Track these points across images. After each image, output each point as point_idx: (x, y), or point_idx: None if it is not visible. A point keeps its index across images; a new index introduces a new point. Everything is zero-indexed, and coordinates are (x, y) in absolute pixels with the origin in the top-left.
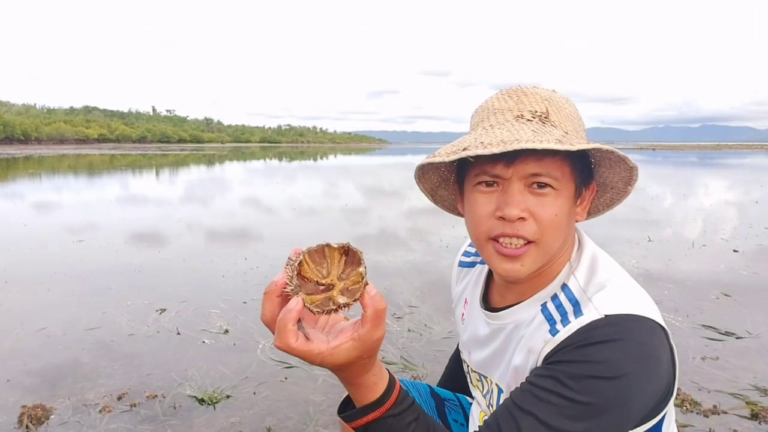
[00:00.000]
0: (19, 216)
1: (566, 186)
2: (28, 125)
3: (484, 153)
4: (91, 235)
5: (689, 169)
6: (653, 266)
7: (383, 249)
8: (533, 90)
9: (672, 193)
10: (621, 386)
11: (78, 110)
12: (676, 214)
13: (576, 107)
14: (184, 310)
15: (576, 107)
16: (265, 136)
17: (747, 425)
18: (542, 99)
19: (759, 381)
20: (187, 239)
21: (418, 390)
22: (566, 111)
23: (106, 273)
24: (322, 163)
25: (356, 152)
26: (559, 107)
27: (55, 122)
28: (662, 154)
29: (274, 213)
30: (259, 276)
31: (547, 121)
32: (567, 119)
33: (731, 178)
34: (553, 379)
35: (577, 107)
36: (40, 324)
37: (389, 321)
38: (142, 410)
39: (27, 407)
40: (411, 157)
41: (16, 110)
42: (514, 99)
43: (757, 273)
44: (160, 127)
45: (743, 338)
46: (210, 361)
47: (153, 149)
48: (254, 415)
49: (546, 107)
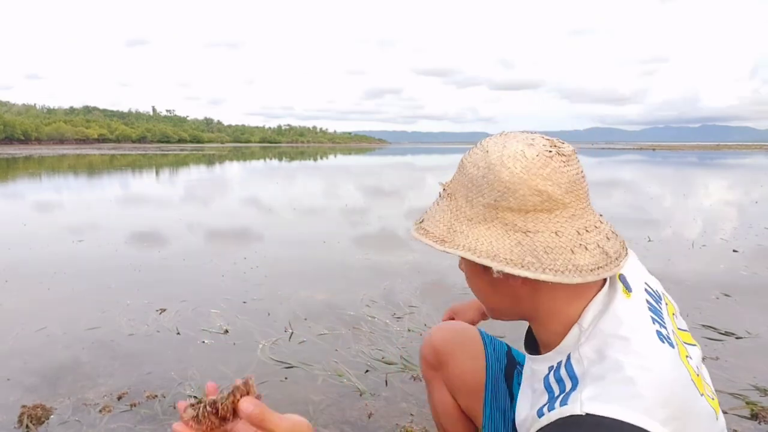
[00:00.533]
0: (19, 216)
1: (467, 262)
2: (28, 125)
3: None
4: (91, 234)
5: (689, 169)
6: (653, 266)
7: (383, 249)
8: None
9: (672, 193)
10: None
11: (78, 110)
12: (675, 214)
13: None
14: (184, 309)
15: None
16: (265, 136)
17: (747, 425)
18: (458, 167)
19: (759, 381)
20: (187, 239)
21: (495, 346)
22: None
23: (106, 272)
24: (322, 163)
25: (356, 152)
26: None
27: (55, 122)
28: (662, 154)
29: (274, 213)
30: (259, 276)
31: (444, 197)
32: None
33: (731, 178)
34: None
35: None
36: (40, 324)
37: (389, 321)
38: (142, 410)
39: (27, 407)
40: (411, 157)
41: (16, 110)
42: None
43: (757, 273)
44: (160, 127)
45: (743, 338)
46: (210, 361)
47: (153, 149)
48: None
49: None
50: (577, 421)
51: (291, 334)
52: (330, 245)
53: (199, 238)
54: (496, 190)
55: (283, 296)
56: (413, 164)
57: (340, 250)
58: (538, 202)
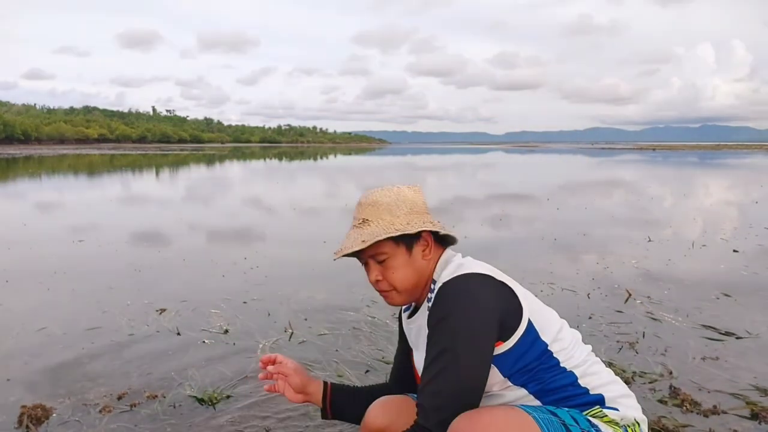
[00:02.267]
0: (19, 216)
1: (396, 251)
2: (28, 125)
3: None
4: (91, 234)
5: (689, 169)
6: (653, 266)
7: None
8: (365, 199)
9: (672, 193)
10: (452, 320)
11: (78, 110)
12: (676, 214)
13: (397, 195)
14: (184, 309)
15: (397, 195)
16: (265, 136)
17: (747, 425)
18: (367, 206)
19: (759, 381)
20: (187, 239)
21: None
22: (384, 205)
23: (106, 273)
24: (322, 163)
25: (356, 152)
26: (377, 207)
27: (55, 122)
28: (662, 154)
29: (275, 213)
30: (259, 276)
31: (365, 224)
32: (385, 212)
33: (731, 178)
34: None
35: (399, 193)
36: (40, 324)
37: (389, 321)
38: (142, 410)
39: (27, 407)
40: (411, 157)
41: (16, 110)
42: (357, 209)
43: (757, 273)
44: (160, 127)
45: (743, 338)
46: (210, 361)
47: (153, 149)
48: (254, 415)
49: (366, 213)
50: (438, 289)
51: (291, 334)
52: (330, 245)
53: (199, 238)
54: (407, 203)
55: (284, 296)
56: (413, 164)
57: None
58: (423, 208)
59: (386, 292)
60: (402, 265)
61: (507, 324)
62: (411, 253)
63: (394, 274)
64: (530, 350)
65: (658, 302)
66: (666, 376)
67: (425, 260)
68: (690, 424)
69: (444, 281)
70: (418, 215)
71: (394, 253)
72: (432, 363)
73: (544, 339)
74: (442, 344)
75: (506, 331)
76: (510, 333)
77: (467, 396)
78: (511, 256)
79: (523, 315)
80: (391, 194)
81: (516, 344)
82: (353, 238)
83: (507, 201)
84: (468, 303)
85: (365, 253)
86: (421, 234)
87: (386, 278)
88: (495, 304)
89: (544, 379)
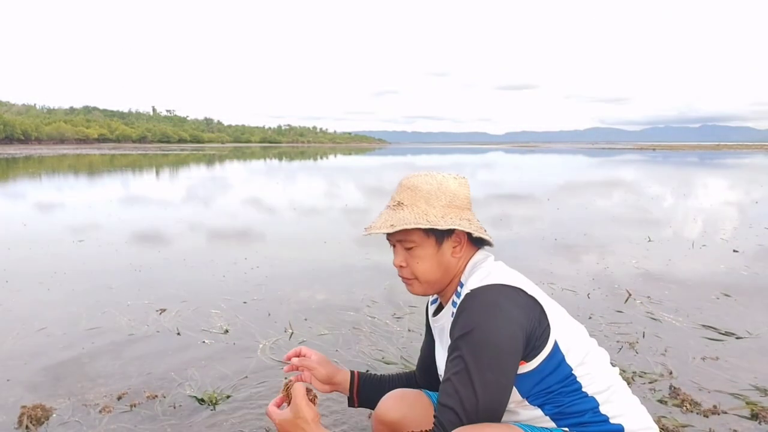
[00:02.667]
0: (19, 216)
1: (425, 242)
2: (28, 125)
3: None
4: (91, 234)
5: (689, 169)
6: (653, 266)
7: (384, 249)
8: (406, 181)
9: (672, 193)
10: (477, 335)
11: (78, 110)
12: (676, 214)
13: (440, 184)
14: (184, 310)
15: (440, 184)
16: (266, 136)
17: (747, 425)
18: (405, 189)
19: (759, 381)
20: (187, 239)
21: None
22: (423, 192)
23: (106, 273)
24: (323, 163)
25: (356, 152)
26: (416, 192)
27: (55, 122)
28: (662, 154)
29: (275, 213)
30: (259, 276)
31: (399, 207)
32: (422, 199)
33: (731, 178)
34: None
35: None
36: (40, 324)
37: (389, 321)
38: (142, 410)
39: (27, 407)
40: (411, 157)
41: (16, 110)
42: (396, 190)
43: (758, 273)
44: (160, 127)
45: (743, 338)
46: (210, 361)
47: (153, 149)
48: (254, 415)
49: (402, 197)
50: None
51: (291, 334)
52: (330, 245)
53: (199, 238)
54: (447, 195)
55: (284, 296)
56: (413, 164)
57: (340, 250)
58: (465, 203)
59: (407, 280)
60: (428, 256)
61: (533, 344)
62: (440, 247)
63: (418, 264)
64: (553, 373)
65: (658, 302)
66: (666, 376)
67: (454, 257)
68: (690, 424)
69: (472, 288)
70: (456, 210)
71: (422, 243)
72: (452, 377)
73: (570, 362)
74: (465, 360)
75: (531, 352)
76: (535, 354)
77: (487, 418)
78: (511, 256)
79: (550, 336)
80: (433, 182)
81: (539, 366)
82: (384, 218)
83: (507, 201)
84: (496, 319)
85: (393, 236)
86: (453, 230)
87: (410, 266)
88: (524, 321)
89: (562, 403)
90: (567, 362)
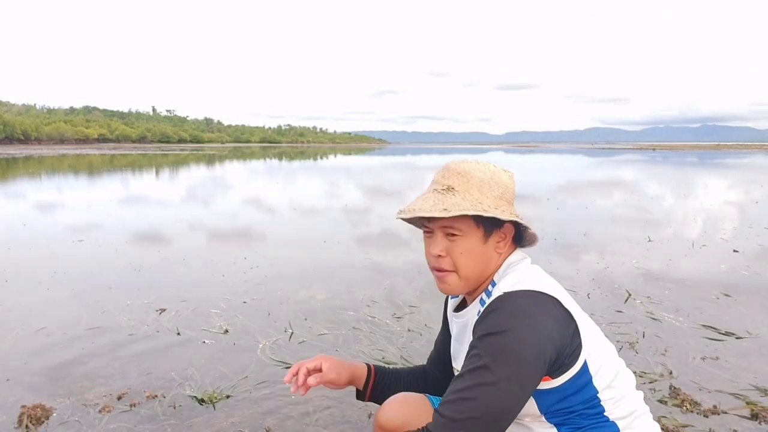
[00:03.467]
0: (19, 216)
1: (472, 233)
2: (28, 125)
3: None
4: (91, 234)
5: (689, 169)
6: (653, 266)
7: (384, 249)
8: (456, 166)
9: (672, 193)
10: (504, 338)
11: (78, 110)
12: (676, 214)
13: (493, 173)
14: (184, 309)
15: (493, 173)
16: (265, 136)
17: (747, 425)
18: (456, 173)
19: (759, 381)
20: (187, 239)
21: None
22: (476, 180)
23: (106, 272)
24: (323, 163)
25: (356, 152)
26: (468, 179)
27: (55, 122)
28: (662, 154)
29: (275, 213)
30: (259, 276)
31: (449, 191)
32: (474, 187)
33: (731, 178)
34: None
35: (494, 172)
36: (40, 324)
37: (389, 321)
38: (142, 410)
39: (27, 407)
40: (411, 157)
41: (16, 110)
42: (441, 173)
43: (758, 273)
44: (160, 127)
45: (743, 338)
46: (210, 361)
47: (153, 149)
48: (254, 415)
49: (453, 182)
50: (497, 298)
51: (291, 334)
52: (330, 245)
53: (199, 238)
54: (500, 187)
55: (284, 296)
56: (413, 164)
57: (340, 250)
58: (512, 198)
59: (444, 273)
60: (473, 248)
61: (561, 361)
62: (487, 240)
63: (462, 255)
64: (578, 393)
65: (658, 302)
66: (666, 376)
67: (497, 253)
68: (690, 424)
69: (506, 291)
70: (507, 203)
71: (469, 233)
72: (465, 375)
73: (596, 385)
74: (484, 360)
75: (559, 368)
76: (562, 371)
77: (489, 425)
78: None
79: (581, 355)
80: (486, 170)
81: (565, 384)
82: (432, 201)
83: None
84: (527, 327)
85: (438, 222)
86: (503, 224)
87: (452, 257)
88: (556, 336)
89: (581, 425)
90: (594, 384)
